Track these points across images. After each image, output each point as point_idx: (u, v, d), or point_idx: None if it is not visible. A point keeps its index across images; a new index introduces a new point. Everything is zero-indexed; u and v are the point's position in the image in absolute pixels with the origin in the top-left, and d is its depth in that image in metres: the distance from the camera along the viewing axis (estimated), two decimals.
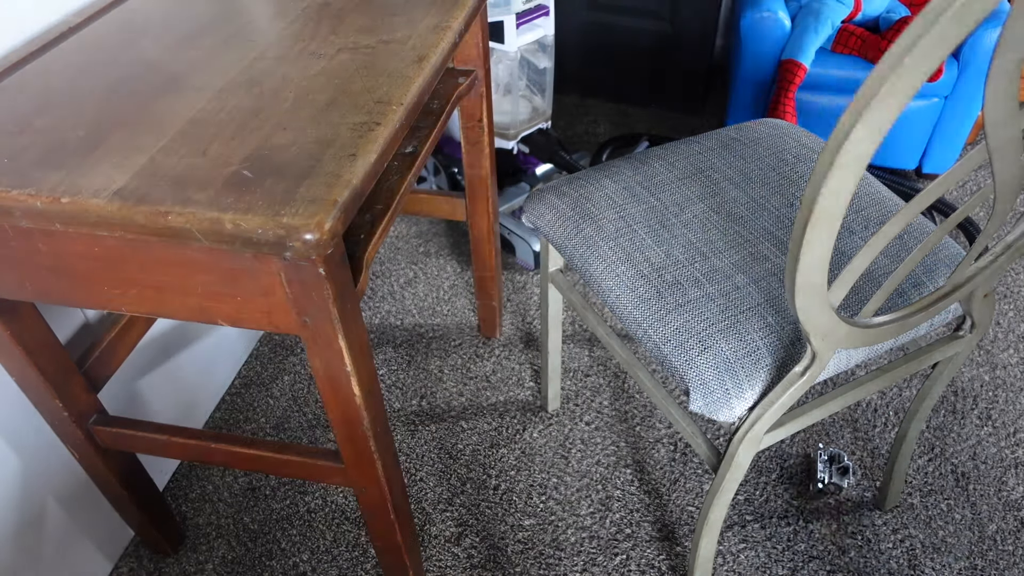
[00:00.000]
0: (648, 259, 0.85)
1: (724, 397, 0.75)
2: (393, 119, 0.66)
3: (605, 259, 0.86)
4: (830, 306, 0.63)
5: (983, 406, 1.34)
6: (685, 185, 0.95)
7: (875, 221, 0.93)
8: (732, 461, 0.80)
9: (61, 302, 0.69)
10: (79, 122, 0.67)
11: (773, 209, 0.91)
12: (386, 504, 0.85)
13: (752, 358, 0.76)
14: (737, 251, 0.86)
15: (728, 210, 0.91)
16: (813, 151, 1.01)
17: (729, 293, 0.81)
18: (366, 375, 0.72)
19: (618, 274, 0.84)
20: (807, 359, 0.70)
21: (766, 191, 0.94)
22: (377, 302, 1.55)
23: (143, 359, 1.13)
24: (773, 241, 0.87)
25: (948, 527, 1.16)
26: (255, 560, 1.13)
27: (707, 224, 0.89)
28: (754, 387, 0.76)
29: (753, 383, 0.76)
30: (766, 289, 0.81)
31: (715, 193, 0.93)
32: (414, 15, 0.85)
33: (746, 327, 0.77)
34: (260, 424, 1.32)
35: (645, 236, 0.88)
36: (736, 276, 0.83)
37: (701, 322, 0.78)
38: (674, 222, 0.89)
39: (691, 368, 0.76)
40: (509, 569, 1.12)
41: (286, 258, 0.59)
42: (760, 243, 0.86)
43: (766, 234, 0.88)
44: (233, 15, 0.86)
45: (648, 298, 0.81)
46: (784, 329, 0.78)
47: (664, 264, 0.84)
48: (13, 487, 0.92)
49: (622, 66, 2.14)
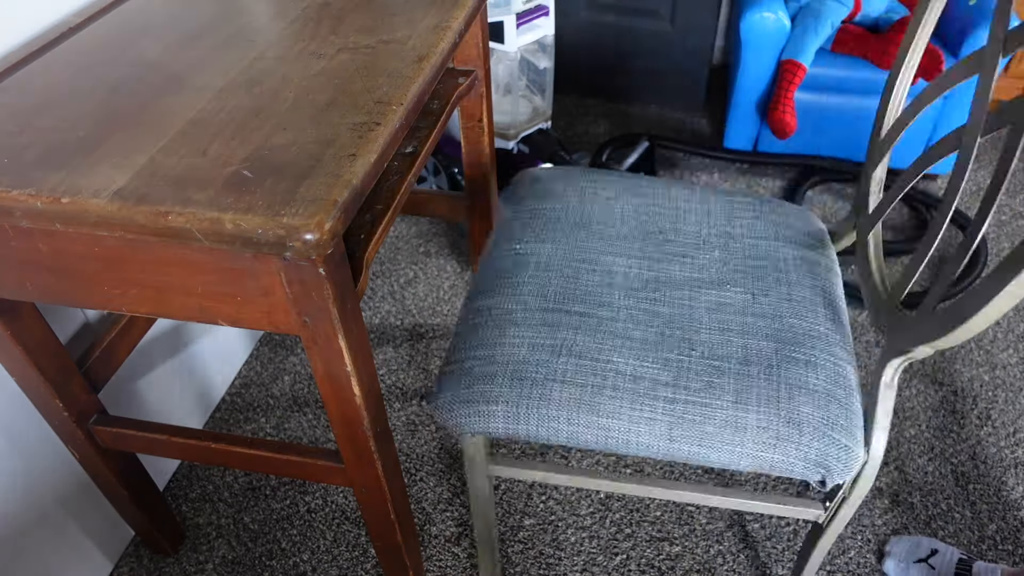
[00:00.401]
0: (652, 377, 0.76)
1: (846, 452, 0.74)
2: (393, 119, 0.66)
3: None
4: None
5: (983, 406, 1.34)
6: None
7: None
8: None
9: (61, 302, 0.69)
10: (79, 122, 0.67)
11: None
12: (386, 504, 0.85)
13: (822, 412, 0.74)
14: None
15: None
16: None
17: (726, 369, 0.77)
18: (366, 375, 0.72)
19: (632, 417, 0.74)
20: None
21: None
22: (377, 302, 1.55)
23: (143, 359, 1.13)
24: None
25: (948, 527, 1.16)
26: (255, 560, 1.13)
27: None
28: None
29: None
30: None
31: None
32: (414, 15, 0.85)
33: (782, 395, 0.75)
34: (260, 424, 1.32)
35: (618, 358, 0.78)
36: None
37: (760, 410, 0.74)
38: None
39: (798, 449, 0.73)
40: (509, 569, 1.12)
41: (286, 258, 0.59)
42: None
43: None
44: (233, 15, 0.86)
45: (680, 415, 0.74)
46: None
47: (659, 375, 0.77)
48: (13, 487, 0.92)
49: (622, 66, 2.13)
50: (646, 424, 0.73)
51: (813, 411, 0.73)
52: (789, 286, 0.86)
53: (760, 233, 0.93)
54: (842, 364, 0.79)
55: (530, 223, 0.94)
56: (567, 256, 0.88)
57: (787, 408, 0.73)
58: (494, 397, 0.75)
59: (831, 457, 0.72)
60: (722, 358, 0.77)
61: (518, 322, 0.81)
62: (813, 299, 0.85)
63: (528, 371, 0.76)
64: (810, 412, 0.73)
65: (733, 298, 0.84)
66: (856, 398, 0.77)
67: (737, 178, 1.91)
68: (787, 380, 0.75)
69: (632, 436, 0.73)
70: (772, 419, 0.73)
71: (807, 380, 0.76)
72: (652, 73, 2.12)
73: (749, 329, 0.80)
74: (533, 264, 0.87)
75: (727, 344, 0.79)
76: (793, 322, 0.81)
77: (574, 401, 0.74)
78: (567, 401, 0.74)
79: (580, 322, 0.80)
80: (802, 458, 0.72)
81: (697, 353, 0.77)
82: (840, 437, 0.73)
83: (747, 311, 0.82)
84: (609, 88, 2.20)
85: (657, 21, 2.01)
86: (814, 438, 0.72)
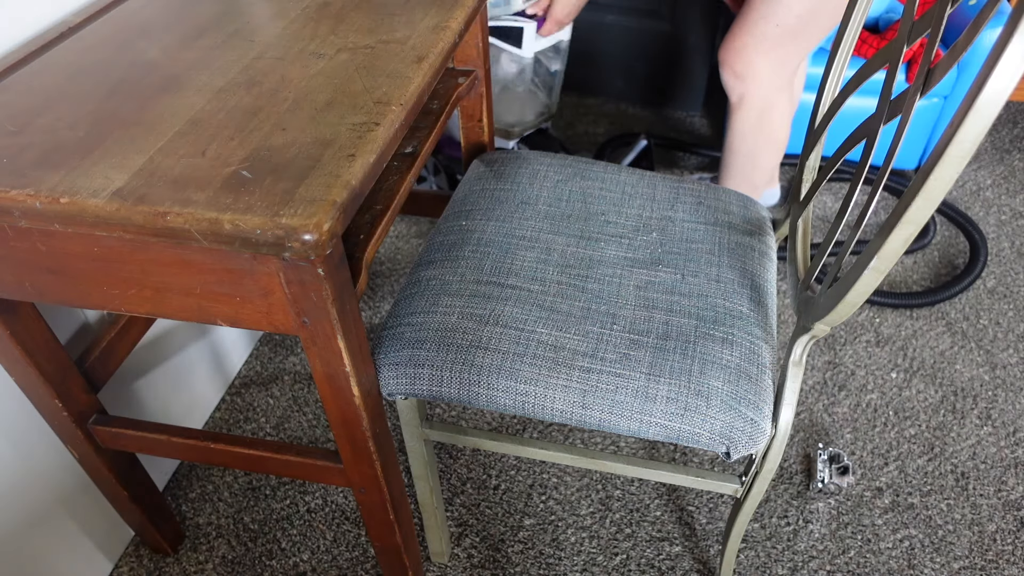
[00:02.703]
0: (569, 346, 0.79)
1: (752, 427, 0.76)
2: (392, 119, 0.66)
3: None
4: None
5: (983, 406, 1.34)
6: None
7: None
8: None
9: (60, 302, 0.69)
10: (78, 122, 0.67)
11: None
12: (385, 504, 0.85)
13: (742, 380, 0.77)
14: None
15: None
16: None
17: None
18: (365, 375, 0.72)
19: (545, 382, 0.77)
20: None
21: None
22: (377, 302, 1.55)
23: (143, 359, 1.13)
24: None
25: (948, 527, 1.16)
26: (255, 560, 1.13)
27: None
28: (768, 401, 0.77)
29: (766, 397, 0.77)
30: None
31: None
32: (414, 15, 0.85)
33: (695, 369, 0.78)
34: (260, 424, 1.32)
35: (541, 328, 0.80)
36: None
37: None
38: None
39: (706, 422, 0.75)
40: (509, 569, 1.12)
41: (285, 258, 0.59)
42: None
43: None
44: (233, 15, 0.86)
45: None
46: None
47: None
48: (13, 487, 0.92)
49: (622, 66, 2.13)
50: (561, 391, 0.76)
51: (723, 385, 0.76)
52: (719, 268, 0.88)
53: (700, 218, 0.96)
54: (758, 343, 0.81)
55: (479, 202, 0.97)
56: (509, 233, 0.91)
57: (698, 381, 0.76)
58: (421, 361, 0.79)
59: (736, 430, 0.75)
60: (642, 332, 0.80)
61: (452, 292, 0.84)
62: (741, 281, 0.87)
63: (455, 338, 0.80)
64: (720, 386, 0.76)
65: (663, 278, 0.86)
66: (768, 375, 0.80)
67: None
68: (702, 355, 0.78)
69: (548, 402, 0.77)
70: (682, 391, 0.75)
71: (721, 356, 0.78)
72: (652, 73, 2.12)
73: (673, 307, 0.83)
74: (475, 240, 0.91)
75: (649, 320, 0.81)
76: (717, 302, 0.84)
77: (495, 367, 0.77)
78: (488, 367, 0.77)
79: (511, 294, 0.83)
80: (708, 429, 0.75)
81: (618, 327, 0.80)
82: (747, 411, 0.75)
83: (674, 290, 0.85)
84: (609, 88, 2.20)
85: (657, 21, 2.01)
86: (721, 410, 0.75)
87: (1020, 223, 1.75)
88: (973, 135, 0.47)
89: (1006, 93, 0.45)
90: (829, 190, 1.86)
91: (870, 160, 0.68)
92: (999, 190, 1.85)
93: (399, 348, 0.80)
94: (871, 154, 0.67)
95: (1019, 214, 1.77)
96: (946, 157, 0.49)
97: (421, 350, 0.79)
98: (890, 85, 0.68)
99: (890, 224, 0.56)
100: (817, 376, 1.39)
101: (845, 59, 0.84)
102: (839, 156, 0.80)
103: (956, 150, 0.48)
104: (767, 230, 0.98)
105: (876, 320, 1.51)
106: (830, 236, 0.72)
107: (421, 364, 0.79)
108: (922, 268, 1.63)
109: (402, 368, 0.79)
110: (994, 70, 0.44)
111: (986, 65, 0.44)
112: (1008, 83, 0.44)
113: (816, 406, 1.34)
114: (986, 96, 0.45)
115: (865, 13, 0.81)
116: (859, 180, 0.68)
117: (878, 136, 0.68)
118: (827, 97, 0.87)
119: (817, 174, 0.86)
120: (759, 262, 0.92)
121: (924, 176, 0.51)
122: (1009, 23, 0.43)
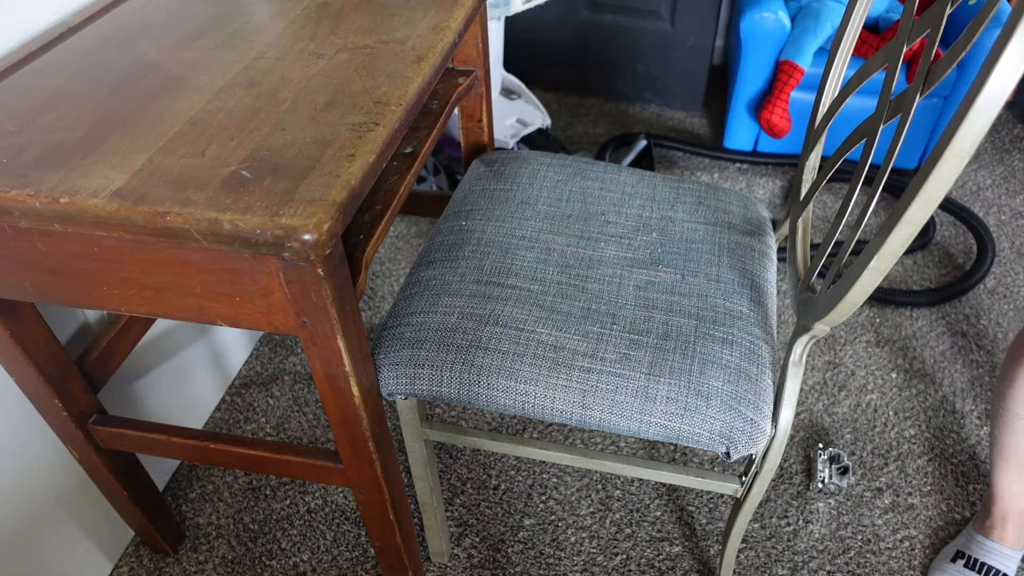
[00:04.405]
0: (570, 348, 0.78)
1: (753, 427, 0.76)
2: (392, 119, 0.66)
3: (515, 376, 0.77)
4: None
5: (983, 406, 1.34)
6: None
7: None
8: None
9: (60, 302, 0.69)
10: (78, 122, 0.67)
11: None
12: (385, 504, 0.85)
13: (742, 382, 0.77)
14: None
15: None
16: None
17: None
18: (365, 375, 0.72)
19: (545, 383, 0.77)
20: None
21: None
22: (377, 302, 1.55)
23: (143, 359, 1.13)
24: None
25: (948, 527, 1.16)
26: (255, 560, 1.13)
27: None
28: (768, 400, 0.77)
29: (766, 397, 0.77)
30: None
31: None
32: (414, 15, 0.85)
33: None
34: (260, 424, 1.32)
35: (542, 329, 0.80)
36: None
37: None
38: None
39: (706, 422, 0.76)
40: (509, 569, 1.12)
41: (285, 258, 0.59)
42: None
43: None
44: (233, 15, 0.86)
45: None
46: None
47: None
48: (13, 487, 0.92)
49: (622, 66, 2.13)
50: (561, 391, 0.76)
51: (723, 385, 0.76)
52: (719, 268, 0.88)
53: (700, 218, 0.95)
54: (758, 343, 0.81)
55: (479, 202, 0.97)
56: (509, 233, 0.91)
57: (698, 381, 0.76)
58: (421, 361, 0.79)
59: (736, 430, 0.75)
60: (642, 332, 0.80)
61: (452, 292, 0.84)
62: (741, 281, 0.87)
63: (455, 338, 0.79)
64: (719, 386, 0.76)
65: (663, 278, 0.86)
66: (768, 375, 0.80)
67: (736, 178, 1.91)
68: (702, 355, 0.78)
69: (548, 402, 0.76)
70: (682, 391, 0.75)
71: (721, 356, 0.78)
72: (652, 73, 2.12)
73: (673, 307, 0.83)
74: (475, 239, 0.91)
75: (649, 320, 0.81)
76: (717, 302, 0.84)
77: (495, 367, 0.77)
78: (488, 367, 0.77)
79: (511, 294, 0.83)
80: (708, 429, 0.75)
81: (618, 327, 0.80)
82: (747, 411, 0.75)
83: (674, 290, 0.85)
84: (609, 88, 2.20)
85: (657, 21, 2.01)
86: (721, 410, 0.75)
87: (1020, 223, 1.75)
88: (973, 135, 0.47)
89: (1006, 93, 0.45)
90: (829, 190, 1.86)
91: (870, 160, 0.68)
92: (999, 190, 1.85)
93: (399, 348, 0.80)
94: (871, 154, 0.67)
95: (1019, 214, 1.77)
96: (946, 157, 0.49)
97: (421, 350, 0.79)
98: (890, 85, 0.68)
99: (890, 224, 0.56)
100: (817, 376, 1.39)
101: (845, 59, 0.84)
102: (839, 156, 0.80)
103: (956, 150, 0.48)
104: (767, 230, 0.98)
105: (876, 320, 1.51)
106: (830, 236, 0.72)
107: (421, 364, 0.79)
108: (923, 268, 1.63)
109: (402, 368, 0.79)
110: (994, 70, 0.44)
111: (986, 65, 0.44)
112: (1008, 83, 0.44)
113: (816, 406, 1.34)
114: (986, 96, 0.45)
115: (865, 13, 0.81)
116: (859, 180, 0.68)
117: (878, 136, 0.68)
118: (827, 97, 0.87)
119: (817, 174, 0.86)
120: (759, 262, 0.92)
121: (924, 176, 0.51)
122: (1009, 23, 0.43)
